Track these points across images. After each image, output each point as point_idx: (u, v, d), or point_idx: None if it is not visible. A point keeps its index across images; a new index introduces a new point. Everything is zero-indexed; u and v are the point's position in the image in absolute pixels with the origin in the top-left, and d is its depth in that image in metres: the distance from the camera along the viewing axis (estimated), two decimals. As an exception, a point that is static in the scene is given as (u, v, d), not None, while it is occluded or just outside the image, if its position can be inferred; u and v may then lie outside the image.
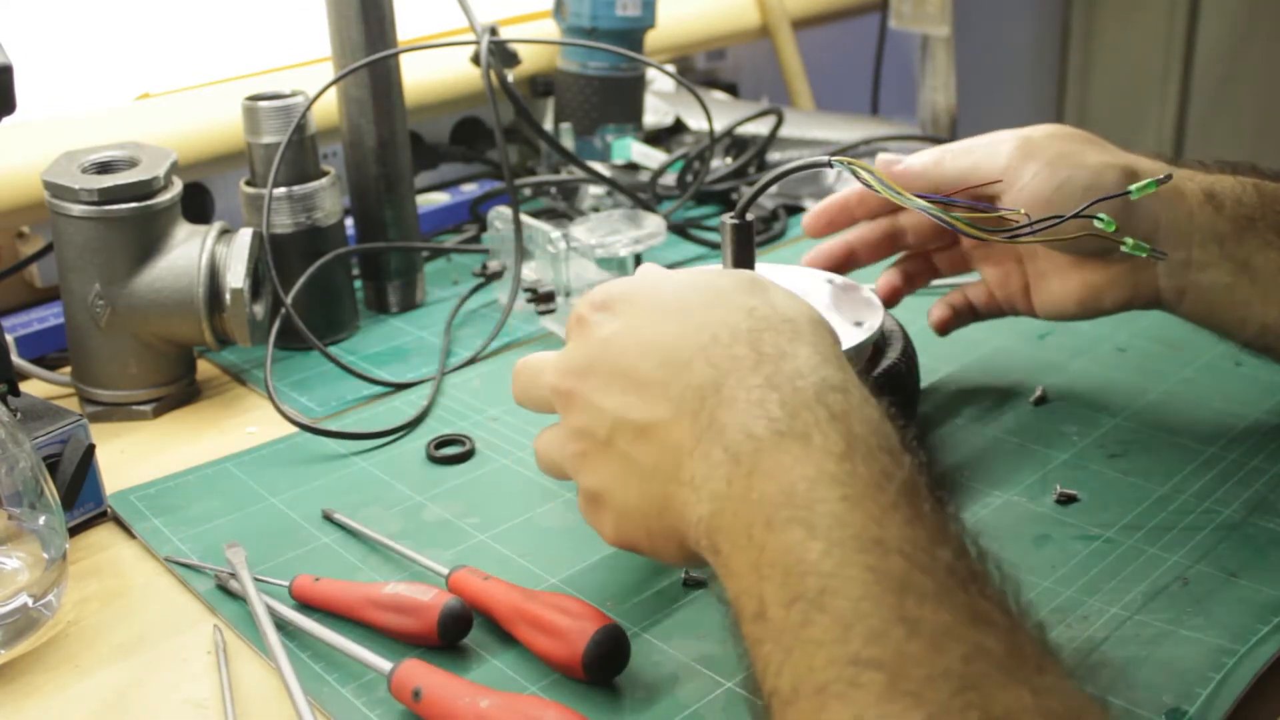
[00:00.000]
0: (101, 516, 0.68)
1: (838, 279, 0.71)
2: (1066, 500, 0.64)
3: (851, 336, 0.63)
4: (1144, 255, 0.56)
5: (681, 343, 0.48)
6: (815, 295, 0.68)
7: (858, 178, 0.58)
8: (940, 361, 0.79)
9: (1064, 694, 0.36)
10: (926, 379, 0.73)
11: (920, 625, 0.36)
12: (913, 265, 0.76)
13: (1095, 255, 0.66)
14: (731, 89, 1.47)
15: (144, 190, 0.75)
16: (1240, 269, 0.63)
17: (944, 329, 0.75)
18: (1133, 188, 0.56)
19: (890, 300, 0.74)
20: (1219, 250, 0.63)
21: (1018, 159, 0.64)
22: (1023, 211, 0.56)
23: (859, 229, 0.74)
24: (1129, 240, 0.55)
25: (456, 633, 0.55)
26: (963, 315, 0.75)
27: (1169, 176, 0.56)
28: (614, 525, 0.51)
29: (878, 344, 0.66)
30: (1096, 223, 0.55)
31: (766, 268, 0.69)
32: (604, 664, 0.52)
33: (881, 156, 0.70)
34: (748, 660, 0.41)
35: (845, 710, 0.35)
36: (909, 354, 0.66)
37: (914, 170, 0.67)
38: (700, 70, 1.46)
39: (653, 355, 0.49)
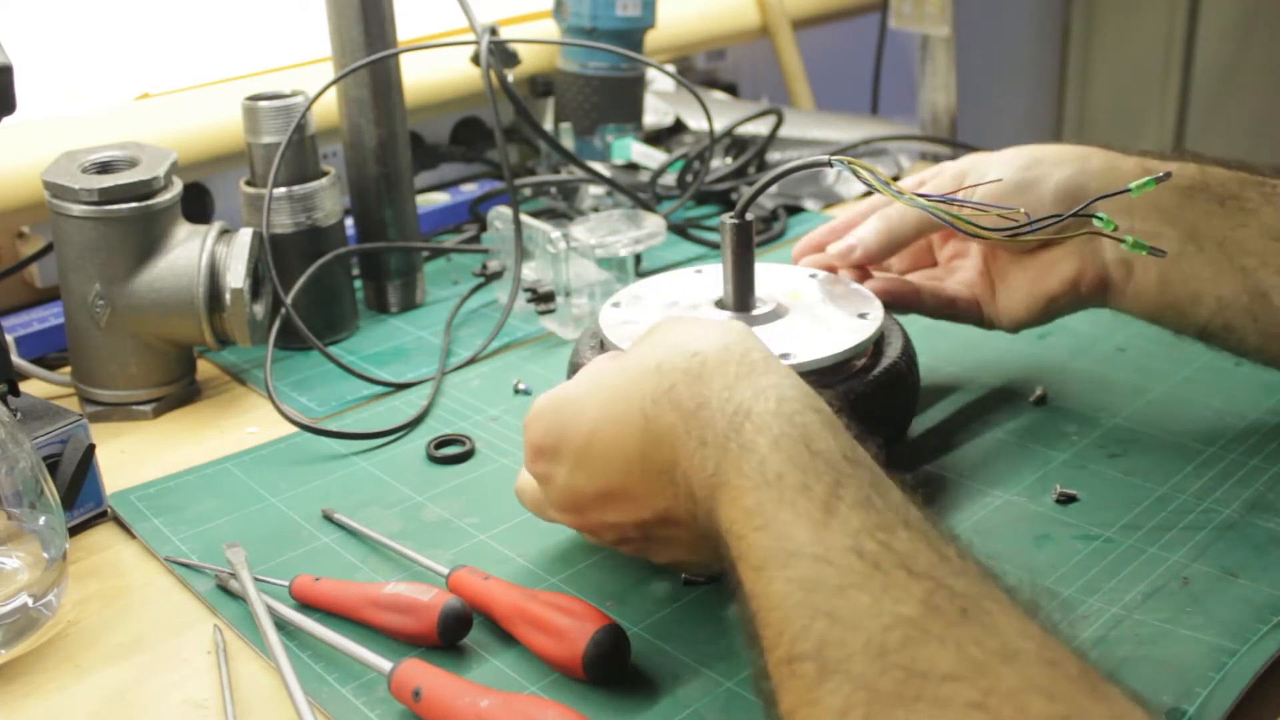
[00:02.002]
0: (101, 516, 0.68)
1: (821, 274, 0.71)
2: (1066, 500, 0.64)
3: (859, 329, 0.64)
4: (1144, 253, 0.56)
5: (626, 444, 0.51)
6: (806, 291, 0.69)
7: (858, 177, 0.58)
8: (940, 361, 0.79)
9: (991, 639, 0.38)
10: (926, 379, 0.72)
11: (836, 612, 0.40)
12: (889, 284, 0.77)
13: (1039, 246, 0.68)
14: (731, 89, 1.47)
15: (144, 190, 0.75)
16: (1186, 238, 0.64)
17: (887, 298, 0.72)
18: (1132, 185, 0.56)
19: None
20: (1160, 218, 0.64)
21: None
22: (1022, 210, 0.56)
23: (843, 219, 0.75)
24: (1129, 238, 0.55)
25: (456, 633, 0.55)
26: (912, 300, 0.73)
27: (1168, 174, 0.56)
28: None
29: (877, 343, 0.66)
30: (1096, 221, 0.55)
31: (764, 267, 0.69)
32: (604, 664, 0.52)
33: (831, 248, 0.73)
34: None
35: (787, 699, 0.40)
36: (909, 353, 0.66)
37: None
38: (700, 70, 1.46)
39: (614, 470, 0.52)
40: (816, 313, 0.66)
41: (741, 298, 0.65)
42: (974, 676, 0.37)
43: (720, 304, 0.66)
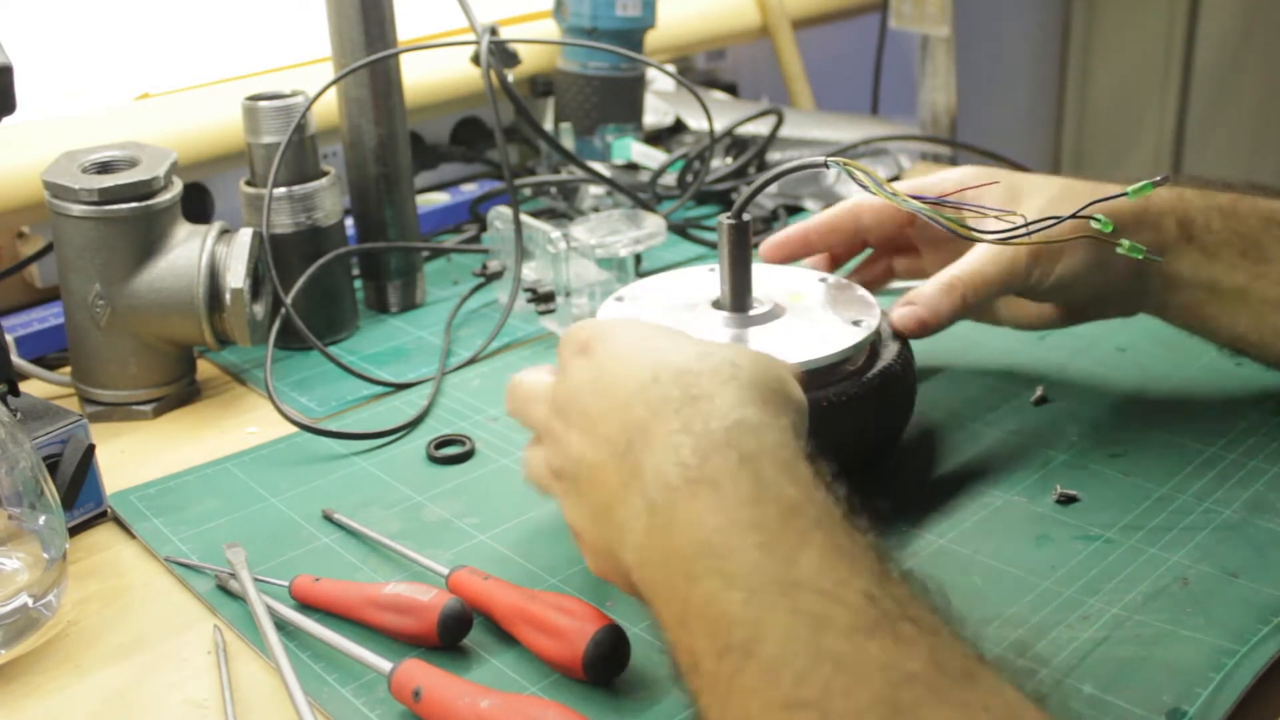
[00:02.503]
0: (101, 516, 0.68)
1: (831, 278, 0.71)
2: (1066, 500, 0.64)
3: (850, 335, 0.63)
4: (1140, 258, 0.56)
5: (627, 382, 0.49)
6: (810, 294, 0.69)
7: (853, 178, 0.59)
8: (940, 362, 0.79)
9: (997, 703, 0.37)
10: (925, 379, 0.73)
11: (844, 659, 0.37)
12: (870, 270, 0.78)
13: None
14: (731, 89, 1.47)
15: (144, 190, 0.75)
16: (1209, 291, 0.67)
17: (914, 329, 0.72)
18: (1129, 189, 0.56)
19: None
20: (1191, 274, 0.67)
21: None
22: (1019, 214, 0.56)
23: (819, 219, 0.75)
24: (1125, 242, 0.55)
25: (456, 633, 0.55)
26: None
27: (1166, 178, 0.56)
28: (590, 561, 0.53)
29: (874, 345, 0.66)
30: (1093, 224, 0.55)
31: (761, 268, 0.69)
32: (604, 664, 0.52)
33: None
34: (693, 710, 0.41)
35: None
36: (905, 355, 0.66)
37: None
38: (700, 70, 1.46)
39: (605, 396, 0.49)
40: (813, 316, 0.66)
41: (738, 298, 0.65)
42: None
43: (718, 304, 0.66)
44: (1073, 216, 0.55)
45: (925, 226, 0.70)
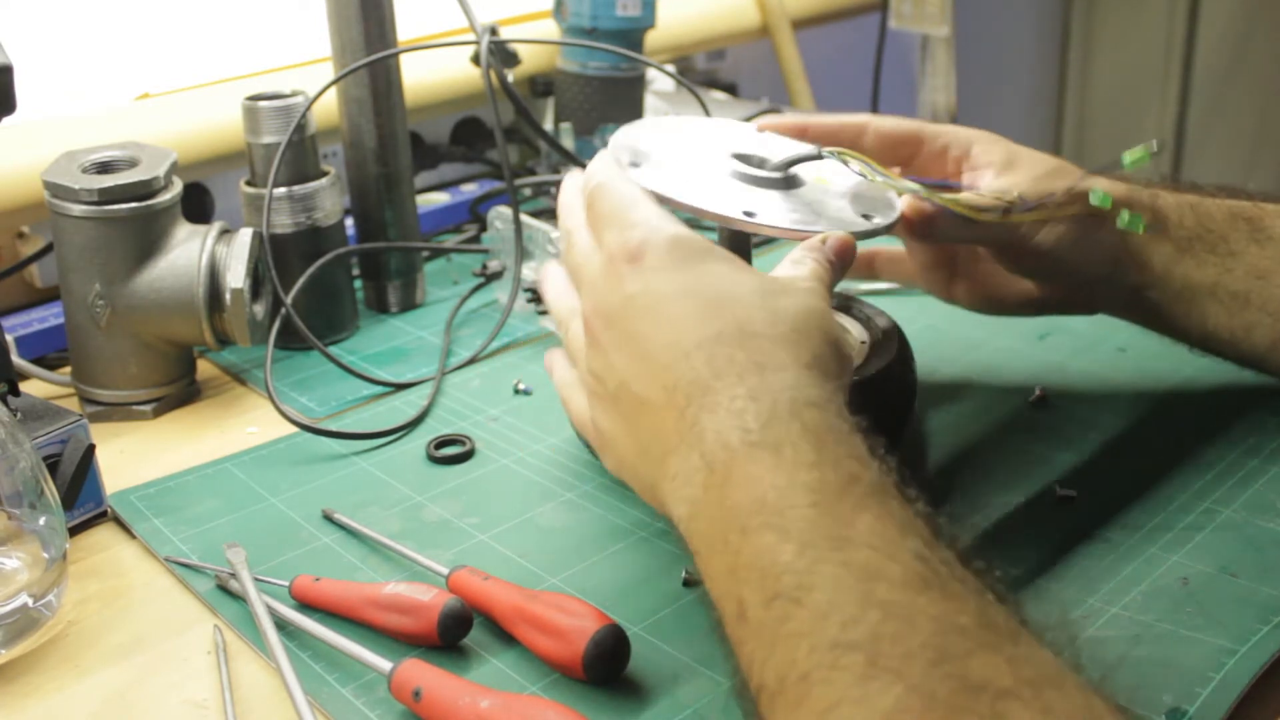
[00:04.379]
0: (101, 516, 0.68)
1: (881, 176, 0.64)
2: (1066, 500, 0.64)
3: (850, 225, 0.61)
4: (1139, 231, 0.56)
5: (691, 329, 0.49)
6: (838, 179, 0.65)
7: (848, 167, 0.58)
8: (940, 362, 0.79)
9: (1040, 661, 0.37)
10: (926, 379, 0.73)
11: (893, 608, 0.37)
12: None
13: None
14: (731, 89, 1.47)
15: (144, 190, 0.75)
16: (1181, 285, 0.67)
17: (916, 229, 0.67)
18: (1125, 157, 0.55)
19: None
20: (1163, 269, 0.67)
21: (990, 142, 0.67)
22: (1016, 193, 0.55)
23: (822, 117, 0.71)
24: (1125, 213, 0.55)
25: (457, 633, 0.55)
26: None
27: (1160, 143, 0.56)
28: (613, 466, 0.54)
29: (875, 344, 0.66)
30: (1092, 198, 0.54)
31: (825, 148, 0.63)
32: (604, 664, 0.52)
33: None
34: (734, 660, 0.42)
35: (829, 692, 0.36)
36: (905, 355, 0.66)
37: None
38: (700, 70, 1.46)
39: (664, 331, 0.49)
40: (826, 200, 0.63)
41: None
42: (1030, 696, 0.35)
43: (741, 158, 0.64)
44: (1068, 190, 0.55)
45: (928, 160, 0.69)
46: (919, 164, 0.68)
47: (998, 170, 0.66)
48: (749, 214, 0.59)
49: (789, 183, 0.63)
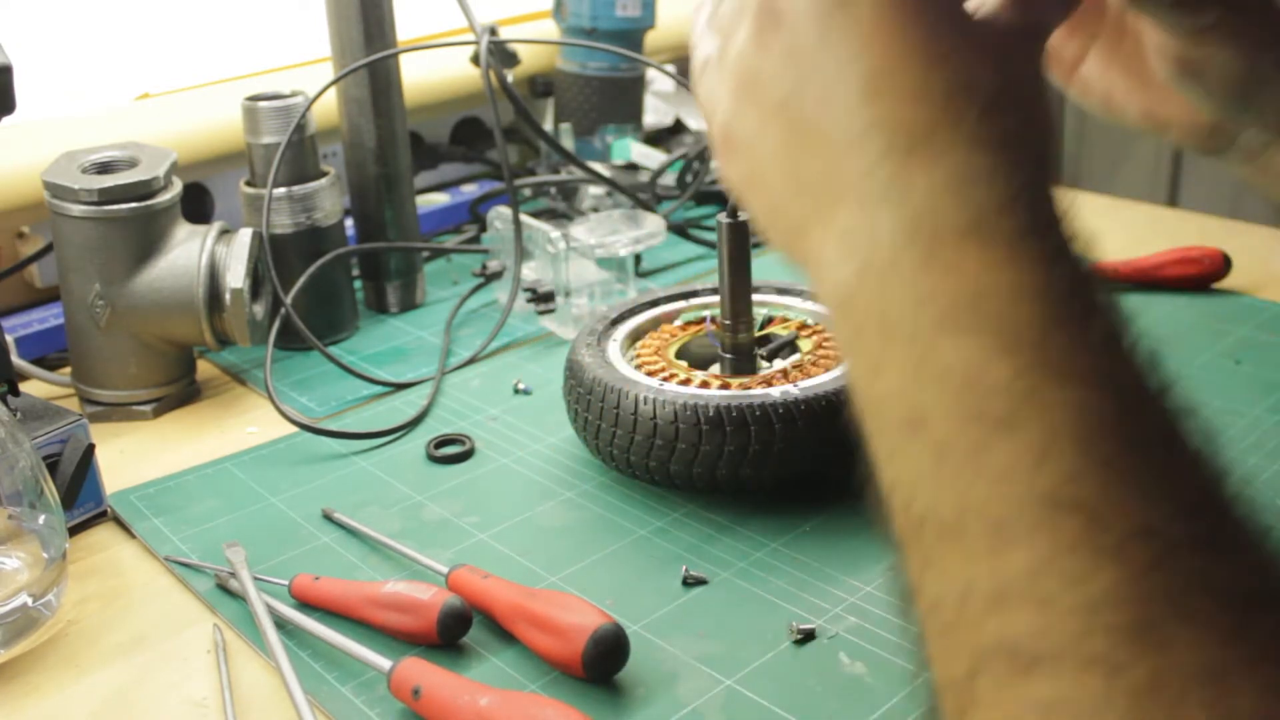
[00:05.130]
0: (101, 516, 0.68)
1: None
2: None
3: None
4: None
5: (916, 59, 0.36)
6: None
7: None
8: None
9: (1263, 572, 0.31)
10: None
11: (1129, 475, 0.30)
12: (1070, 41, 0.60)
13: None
14: (731, 89, 1.47)
15: (144, 190, 0.76)
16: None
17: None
18: None
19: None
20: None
21: None
22: None
23: None
24: None
25: (456, 631, 0.55)
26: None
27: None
28: (740, 182, 0.42)
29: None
30: None
31: None
32: (604, 662, 0.52)
33: None
34: (875, 469, 0.34)
35: (1024, 555, 0.30)
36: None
37: None
38: (700, 70, 1.46)
39: (811, 110, 0.38)
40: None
41: (737, 301, 0.65)
42: None
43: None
44: None
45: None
46: None
47: None
48: None
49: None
